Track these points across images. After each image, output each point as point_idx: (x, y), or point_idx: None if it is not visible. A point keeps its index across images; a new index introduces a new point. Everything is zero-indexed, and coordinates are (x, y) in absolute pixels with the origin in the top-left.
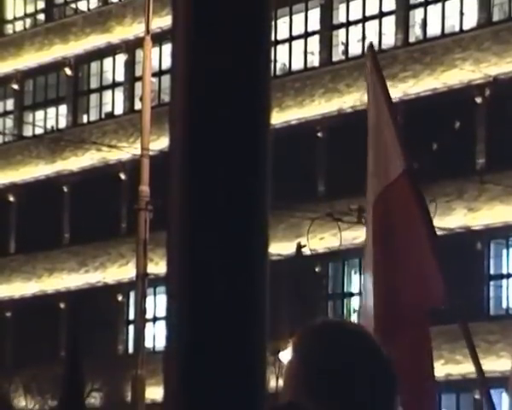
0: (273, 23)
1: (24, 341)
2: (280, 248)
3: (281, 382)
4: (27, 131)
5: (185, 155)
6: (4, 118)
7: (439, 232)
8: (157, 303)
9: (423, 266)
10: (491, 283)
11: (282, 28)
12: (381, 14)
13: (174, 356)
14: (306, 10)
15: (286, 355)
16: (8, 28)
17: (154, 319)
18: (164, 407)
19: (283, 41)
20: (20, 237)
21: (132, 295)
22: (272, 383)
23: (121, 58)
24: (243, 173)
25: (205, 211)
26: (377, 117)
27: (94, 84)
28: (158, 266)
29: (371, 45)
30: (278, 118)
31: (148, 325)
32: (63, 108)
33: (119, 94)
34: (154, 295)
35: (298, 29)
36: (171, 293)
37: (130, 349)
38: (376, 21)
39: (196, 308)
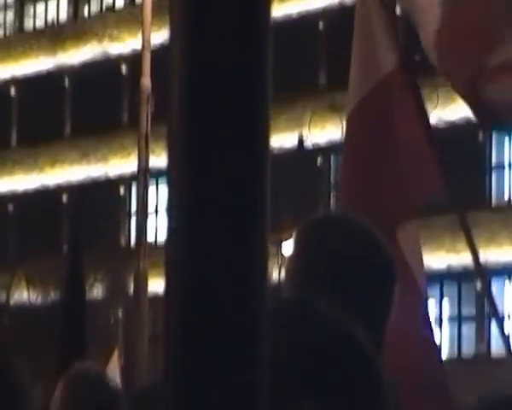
0: None
1: (26, 234)
2: (281, 140)
3: (283, 273)
4: (28, 25)
5: (185, 48)
6: (5, 11)
7: (440, 123)
8: (159, 196)
9: (419, 160)
10: (494, 173)
11: None
12: None
13: (175, 248)
14: None
15: (288, 246)
16: None
17: (156, 212)
18: (165, 300)
19: None
20: (22, 130)
21: (134, 187)
22: (275, 274)
23: None
24: (245, 62)
25: (204, 103)
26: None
27: None
28: (160, 159)
29: None
30: (279, 10)
31: (150, 218)
32: (64, 1)
33: None
34: (156, 187)
35: None
36: (172, 183)
37: (133, 242)
38: None
39: (197, 199)
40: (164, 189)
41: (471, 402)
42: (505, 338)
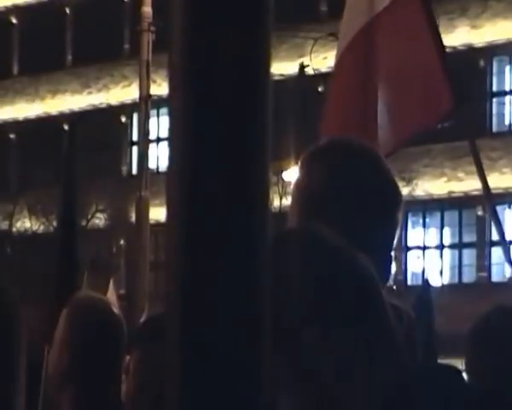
0: None
1: (28, 163)
2: (283, 68)
3: (284, 201)
4: None
5: None
6: None
7: None
8: (160, 124)
9: (431, 79)
10: (494, 100)
11: None
12: None
13: (177, 176)
14: None
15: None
16: None
17: (158, 140)
18: (167, 227)
19: None
20: (23, 59)
21: (136, 116)
22: (276, 203)
23: None
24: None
25: (204, 29)
26: None
27: None
28: (161, 88)
29: None
30: None
31: (152, 146)
32: None
33: None
34: (158, 116)
35: None
36: (172, 111)
37: (134, 171)
38: None
39: (197, 128)
40: (165, 117)
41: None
42: (510, 263)
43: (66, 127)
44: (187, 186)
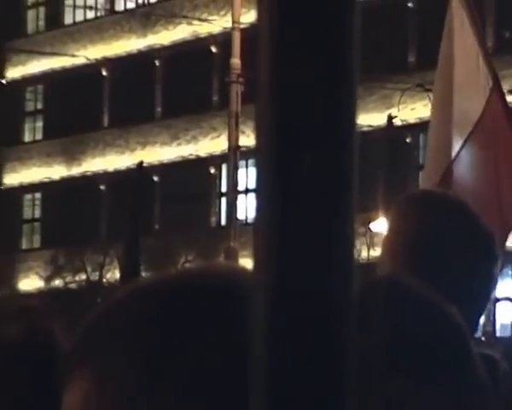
0: None
1: (118, 214)
2: (371, 119)
3: (372, 252)
4: (119, 6)
5: (273, 28)
6: None
7: None
8: (249, 175)
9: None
10: None
11: None
12: None
13: (264, 227)
14: None
15: (378, 225)
16: None
17: (246, 191)
18: (253, 279)
19: None
20: (114, 111)
21: (224, 167)
22: (364, 254)
23: None
24: (332, 41)
25: (292, 83)
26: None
27: None
28: (250, 139)
29: None
30: None
31: (240, 198)
32: None
33: None
34: (246, 167)
35: None
36: (259, 166)
37: (223, 222)
38: None
39: (285, 180)
40: (254, 168)
41: None
42: None
43: (156, 178)
44: (273, 240)
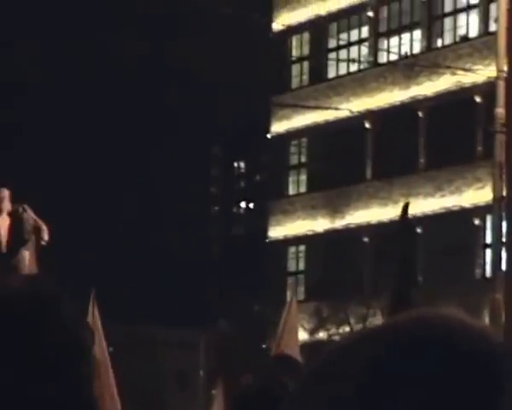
0: None
1: (381, 265)
2: None
3: None
4: (382, 58)
5: None
6: (360, 45)
7: None
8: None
9: None
10: None
11: None
12: None
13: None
14: None
15: None
16: None
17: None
18: (505, 335)
19: None
20: (377, 163)
21: (489, 218)
22: None
23: None
24: None
25: None
26: None
27: (448, 7)
28: None
29: None
30: None
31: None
32: (417, 34)
33: (474, 16)
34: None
35: None
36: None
37: (488, 273)
38: None
39: None
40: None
41: None
42: None
43: (419, 230)
44: None
